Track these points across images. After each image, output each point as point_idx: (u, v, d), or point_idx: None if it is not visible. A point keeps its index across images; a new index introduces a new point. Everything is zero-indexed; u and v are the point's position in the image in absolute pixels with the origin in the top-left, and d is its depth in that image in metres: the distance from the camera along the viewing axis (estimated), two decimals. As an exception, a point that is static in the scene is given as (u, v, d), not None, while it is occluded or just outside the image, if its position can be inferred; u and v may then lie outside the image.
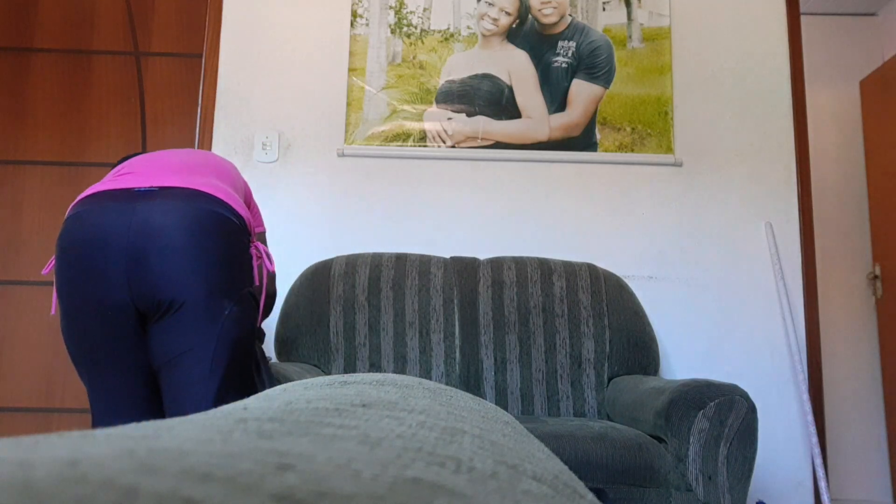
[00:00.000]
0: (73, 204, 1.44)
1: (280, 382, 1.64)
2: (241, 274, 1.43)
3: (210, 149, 2.65)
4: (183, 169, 1.48)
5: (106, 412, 1.44)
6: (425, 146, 2.65)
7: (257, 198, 2.62)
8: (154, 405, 1.46)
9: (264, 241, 1.82)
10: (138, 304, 1.38)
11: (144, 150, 2.73)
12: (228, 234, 1.41)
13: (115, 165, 1.75)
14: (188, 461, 0.23)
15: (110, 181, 1.43)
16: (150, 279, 1.34)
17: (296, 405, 0.43)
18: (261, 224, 1.80)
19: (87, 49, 2.79)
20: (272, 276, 1.76)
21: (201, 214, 1.38)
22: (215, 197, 1.43)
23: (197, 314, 1.36)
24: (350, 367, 2.16)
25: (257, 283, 1.51)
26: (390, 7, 2.74)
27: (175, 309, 1.36)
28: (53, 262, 1.43)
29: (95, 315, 1.38)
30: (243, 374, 1.45)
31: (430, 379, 2.17)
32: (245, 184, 1.68)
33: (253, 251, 1.52)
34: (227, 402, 1.40)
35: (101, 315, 1.38)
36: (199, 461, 0.23)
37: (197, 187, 1.42)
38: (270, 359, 1.85)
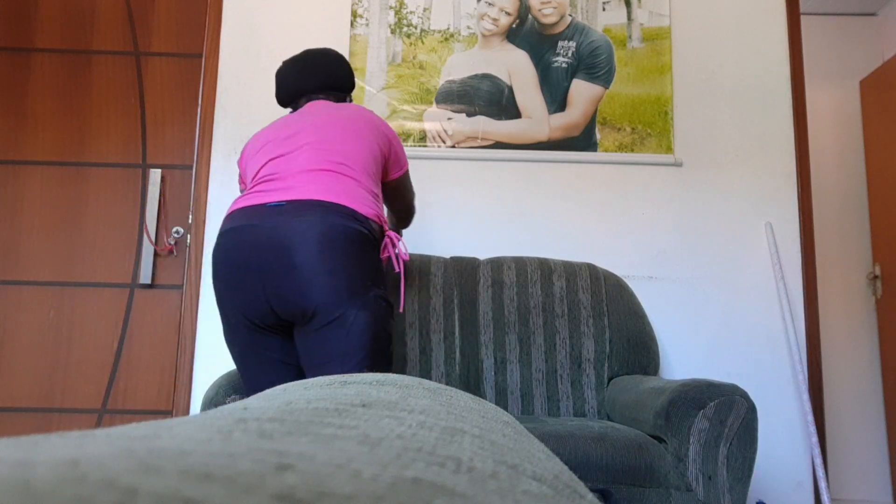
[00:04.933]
0: (225, 216, 1.69)
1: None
2: (363, 279, 1.55)
3: (210, 148, 2.65)
4: (312, 171, 1.63)
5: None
6: (425, 146, 2.65)
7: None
8: None
9: (404, 185, 1.90)
10: (279, 314, 1.56)
11: (145, 150, 2.72)
12: (349, 243, 1.55)
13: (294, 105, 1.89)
14: (188, 461, 0.23)
15: (252, 195, 1.63)
16: (280, 292, 1.53)
17: (296, 405, 0.43)
18: (399, 168, 1.85)
19: (87, 49, 2.79)
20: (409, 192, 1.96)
21: (322, 229, 1.54)
22: (337, 205, 1.58)
23: (325, 322, 1.52)
24: (350, 367, 2.16)
25: (397, 269, 1.68)
26: (390, 7, 2.74)
27: (308, 319, 1.53)
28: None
29: (243, 324, 1.61)
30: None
31: (430, 379, 2.16)
32: (380, 139, 1.76)
33: (386, 241, 1.67)
34: None
35: (247, 324, 1.61)
36: (199, 461, 0.23)
37: (321, 197, 1.58)
38: None
